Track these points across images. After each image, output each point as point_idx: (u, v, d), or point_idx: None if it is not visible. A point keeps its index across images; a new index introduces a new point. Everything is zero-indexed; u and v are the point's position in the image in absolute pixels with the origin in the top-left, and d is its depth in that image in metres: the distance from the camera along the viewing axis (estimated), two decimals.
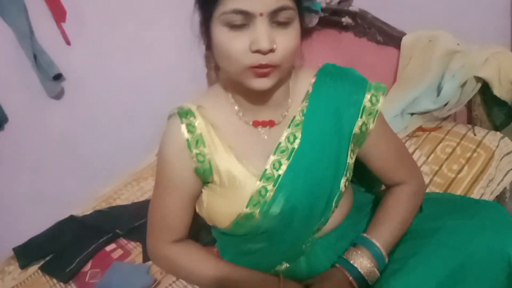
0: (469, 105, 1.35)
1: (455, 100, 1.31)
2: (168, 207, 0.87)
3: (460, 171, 1.22)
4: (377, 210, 0.90)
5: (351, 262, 0.82)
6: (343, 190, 0.84)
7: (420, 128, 1.37)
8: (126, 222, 1.51)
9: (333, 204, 0.84)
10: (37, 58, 1.68)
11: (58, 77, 1.76)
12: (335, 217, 0.90)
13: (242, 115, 0.83)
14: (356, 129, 0.82)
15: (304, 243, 0.88)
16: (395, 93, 1.40)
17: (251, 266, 0.90)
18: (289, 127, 0.82)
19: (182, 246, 0.92)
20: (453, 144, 1.29)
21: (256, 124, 0.83)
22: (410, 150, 1.32)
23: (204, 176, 0.83)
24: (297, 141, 0.81)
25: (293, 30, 0.70)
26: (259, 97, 0.80)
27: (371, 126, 0.83)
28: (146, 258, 1.36)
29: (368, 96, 0.82)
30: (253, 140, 0.83)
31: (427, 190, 1.16)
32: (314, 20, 1.58)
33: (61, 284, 1.33)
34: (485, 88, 1.28)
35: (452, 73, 1.30)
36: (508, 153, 1.26)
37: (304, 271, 0.90)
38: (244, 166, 0.81)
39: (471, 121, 1.36)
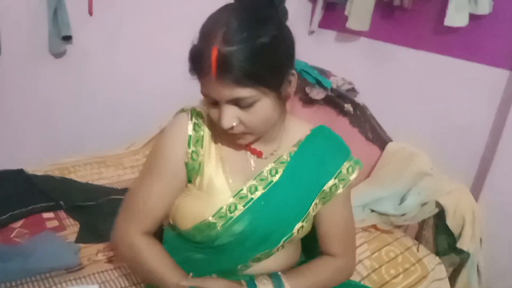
0: (422, 223, 1.47)
1: (412, 214, 1.43)
2: (151, 194, 0.88)
3: (395, 277, 1.31)
4: (304, 264, 0.97)
5: (257, 285, 0.87)
6: (295, 234, 0.91)
7: (374, 226, 1.48)
8: (73, 198, 1.48)
9: (282, 242, 0.90)
10: (57, 13, 1.70)
11: (67, 38, 1.78)
12: (276, 261, 0.96)
13: None
14: (326, 187, 0.90)
15: (240, 264, 0.93)
16: (365, 187, 1.51)
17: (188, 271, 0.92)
18: (274, 162, 0.90)
19: (151, 240, 0.91)
20: (397, 251, 1.39)
21: (247, 148, 0.90)
22: (359, 242, 1.41)
23: (189, 174, 0.88)
24: (277, 176, 0.89)
25: (257, 109, 0.76)
26: None
27: (339, 190, 0.91)
28: (79, 240, 1.34)
29: (347, 164, 0.91)
30: (241, 161, 0.91)
31: (364, 282, 1.24)
32: (320, 94, 1.71)
33: None
34: (440, 215, 1.41)
35: (418, 191, 1.44)
36: (439, 279, 1.37)
37: None
38: (226, 180, 0.88)
39: (419, 237, 1.48)
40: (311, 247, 1.06)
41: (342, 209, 0.96)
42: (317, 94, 1.65)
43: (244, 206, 0.87)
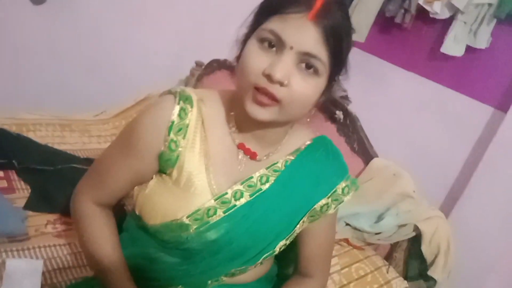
0: (394, 245, 1.44)
1: (388, 234, 1.39)
2: (114, 169, 0.81)
3: None
4: None
5: None
6: (276, 252, 0.84)
7: (346, 240, 1.43)
8: (29, 159, 1.33)
9: (261, 260, 0.83)
10: None
11: None
12: (248, 274, 0.88)
13: (233, 132, 0.81)
14: (317, 206, 0.83)
15: (212, 279, 0.84)
16: None
17: (147, 274, 0.84)
18: (267, 168, 0.81)
19: (103, 211, 0.85)
20: (367, 270, 1.34)
21: (240, 146, 0.80)
22: None
23: (164, 164, 0.78)
24: (267, 184, 0.81)
25: (314, 82, 0.70)
26: (255, 126, 0.78)
27: (331, 210, 0.85)
28: (28, 206, 1.19)
29: (343, 184, 0.85)
30: (229, 161, 0.80)
31: None
32: None
33: None
34: (415, 240, 1.38)
35: (397, 212, 1.40)
36: None
37: None
38: (207, 179, 0.78)
39: (388, 258, 1.44)
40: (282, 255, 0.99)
41: (329, 229, 0.91)
42: None
43: (224, 212, 0.77)
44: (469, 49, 1.78)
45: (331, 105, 1.60)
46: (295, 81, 0.68)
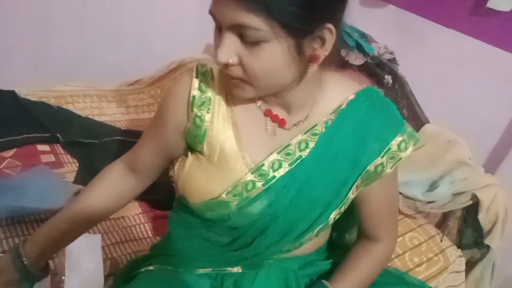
0: (447, 213, 1.40)
1: (441, 203, 1.35)
2: (146, 135, 0.83)
3: (419, 265, 1.24)
4: (346, 260, 0.84)
5: None
6: (331, 222, 0.76)
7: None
8: (72, 132, 1.30)
9: (315, 232, 0.76)
10: None
11: None
12: (305, 246, 0.82)
13: (258, 99, 0.74)
14: (371, 167, 0.73)
15: (267, 259, 0.80)
16: None
17: (204, 253, 0.82)
18: (305, 133, 0.73)
19: (125, 172, 0.84)
20: (421, 239, 1.31)
21: (267, 113, 0.74)
22: None
23: (193, 142, 0.74)
24: (308, 150, 0.72)
25: (262, 52, 0.61)
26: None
27: (388, 170, 0.74)
28: (78, 181, 1.17)
29: (398, 139, 0.72)
30: (258, 129, 0.74)
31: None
32: (358, 60, 1.56)
33: None
34: (470, 208, 1.34)
35: (452, 180, 1.35)
36: (457, 272, 1.31)
37: (249, 284, 0.81)
38: (240, 152, 0.73)
39: (440, 226, 1.41)
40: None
41: (391, 188, 0.80)
42: (355, 59, 1.50)
43: (263, 185, 0.72)
44: None
45: (378, 69, 1.52)
46: (244, 57, 0.62)
